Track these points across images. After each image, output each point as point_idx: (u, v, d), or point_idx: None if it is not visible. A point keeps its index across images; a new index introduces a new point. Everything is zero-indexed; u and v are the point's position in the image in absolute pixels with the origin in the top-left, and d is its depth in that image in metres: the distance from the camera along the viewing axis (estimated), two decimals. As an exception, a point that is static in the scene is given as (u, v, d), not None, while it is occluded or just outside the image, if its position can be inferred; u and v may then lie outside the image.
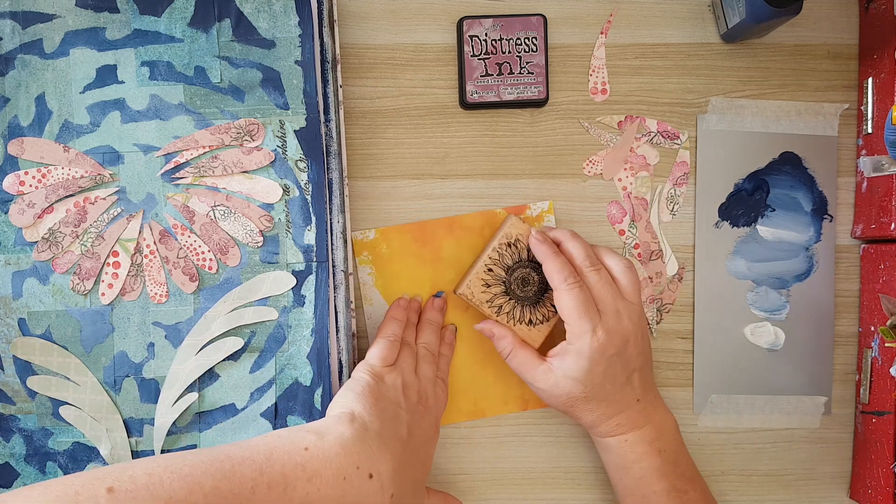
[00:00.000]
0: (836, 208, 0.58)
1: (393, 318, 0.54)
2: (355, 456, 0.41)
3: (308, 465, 0.40)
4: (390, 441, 0.44)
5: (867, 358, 0.57)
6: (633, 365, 0.51)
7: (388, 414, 0.46)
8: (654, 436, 0.52)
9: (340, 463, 0.41)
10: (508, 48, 0.55)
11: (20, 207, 0.52)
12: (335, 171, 0.53)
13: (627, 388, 0.51)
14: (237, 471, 0.39)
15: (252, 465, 0.39)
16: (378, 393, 0.47)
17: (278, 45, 0.52)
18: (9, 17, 0.52)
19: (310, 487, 0.40)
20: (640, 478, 0.51)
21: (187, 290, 0.52)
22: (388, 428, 0.44)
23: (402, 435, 0.45)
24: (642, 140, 0.57)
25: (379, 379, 0.48)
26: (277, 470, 0.39)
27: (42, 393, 0.52)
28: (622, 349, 0.50)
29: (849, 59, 0.58)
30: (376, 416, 0.44)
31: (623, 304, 0.51)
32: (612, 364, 0.50)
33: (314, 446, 0.41)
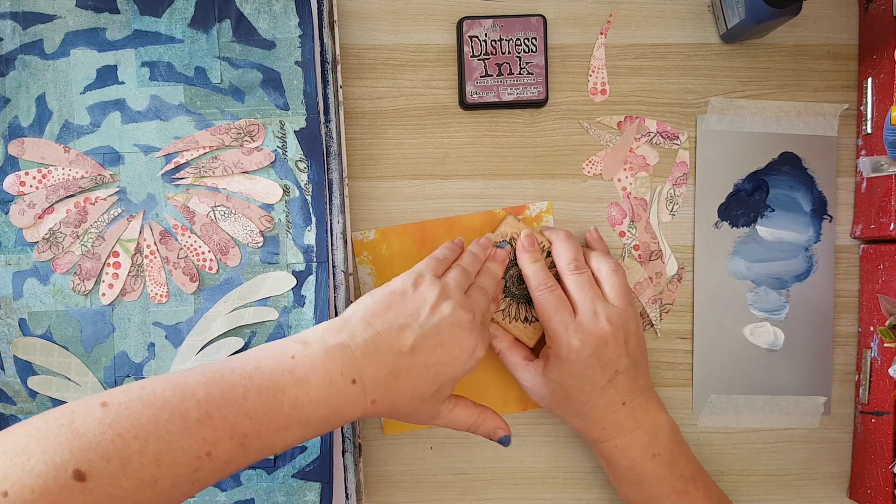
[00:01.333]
0: (835, 208, 0.58)
1: (445, 247, 0.52)
2: (339, 362, 0.42)
3: (296, 371, 0.41)
4: (381, 350, 0.43)
5: (866, 358, 0.57)
6: (615, 367, 0.50)
7: (394, 324, 0.44)
8: (646, 440, 0.51)
9: (326, 368, 0.42)
10: (508, 49, 0.55)
11: (20, 208, 0.52)
12: (335, 172, 0.53)
13: (610, 391, 0.51)
14: (228, 379, 0.40)
15: (242, 374, 0.40)
16: (396, 300, 0.45)
17: (278, 45, 0.52)
18: (9, 17, 0.52)
19: (299, 391, 0.41)
20: (636, 483, 0.51)
21: (187, 290, 0.52)
22: (383, 338, 0.44)
23: (402, 347, 0.44)
24: (642, 140, 0.57)
25: (414, 285, 0.46)
26: (267, 376, 0.41)
27: (43, 393, 0.52)
28: (599, 351, 0.50)
29: (848, 59, 0.58)
30: (374, 326, 0.44)
31: (603, 305, 0.50)
32: (589, 366, 0.50)
33: (300, 354, 0.42)
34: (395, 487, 0.57)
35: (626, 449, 0.51)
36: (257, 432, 0.40)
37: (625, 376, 0.51)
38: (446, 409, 0.48)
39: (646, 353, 0.53)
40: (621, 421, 0.51)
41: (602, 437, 0.51)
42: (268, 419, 0.40)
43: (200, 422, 0.38)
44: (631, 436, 0.51)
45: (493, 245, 0.54)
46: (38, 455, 0.35)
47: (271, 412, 0.40)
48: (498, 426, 0.50)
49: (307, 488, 0.52)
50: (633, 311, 0.52)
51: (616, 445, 0.51)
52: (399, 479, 0.58)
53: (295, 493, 0.52)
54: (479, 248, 0.53)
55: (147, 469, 0.36)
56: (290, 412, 0.41)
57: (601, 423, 0.51)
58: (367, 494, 0.57)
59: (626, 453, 0.51)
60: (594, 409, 0.51)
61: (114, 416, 0.37)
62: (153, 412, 0.37)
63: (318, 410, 0.41)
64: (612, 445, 0.51)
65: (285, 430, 0.41)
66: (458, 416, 0.49)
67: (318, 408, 0.41)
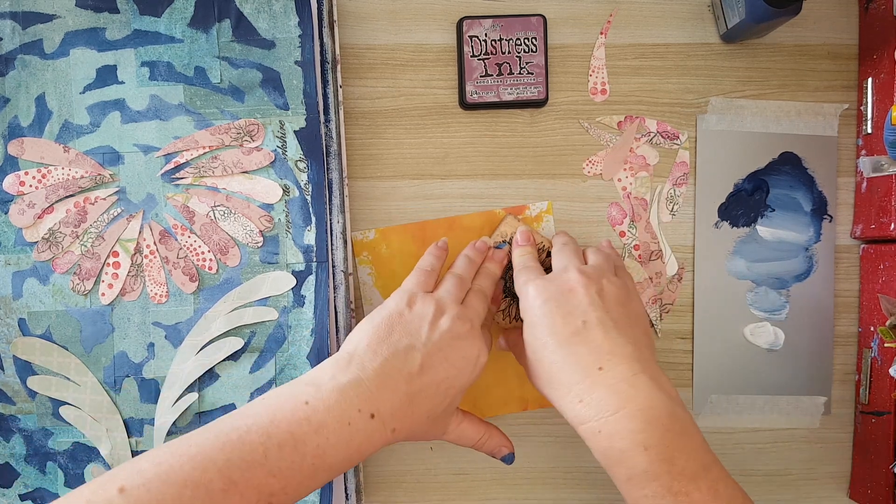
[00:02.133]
0: (835, 208, 0.58)
1: (431, 254, 0.51)
2: (354, 400, 0.41)
3: (313, 418, 0.40)
4: (393, 377, 0.43)
5: (867, 358, 0.57)
6: (582, 317, 0.44)
7: (400, 347, 0.44)
8: (635, 426, 0.41)
9: (342, 409, 0.41)
10: (508, 48, 0.55)
11: (20, 208, 0.52)
12: (335, 172, 0.53)
13: (579, 346, 0.43)
14: (245, 439, 0.39)
15: (259, 431, 0.39)
16: (396, 323, 0.45)
17: (278, 45, 0.52)
18: (9, 17, 0.52)
19: (319, 439, 0.40)
20: (627, 479, 0.42)
21: (187, 290, 0.52)
22: (393, 364, 0.43)
23: (412, 370, 0.43)
24: (642, 140, 0.57)
25: (409, 305, 0.46)
26: (284, 429, 0.39)
27: (42, 393, 0.52)
28: (559, 297, 0.45)
29: (849, 59, 0.58)
30: (380, 354, 0.43)
31: (576, 263, 0.48)
32: (547, 313, 0.45)
33: (313, 398, 0.41)
34: (395, 487, 0.57)
35: (612, 436, 0.42)
36: (283, 488, 0.39)
37: (599, 331, 0.44)
38: (454, 423, 0.48)
39: (639, 321, 0.47)
40: (601, 395, 0.42)
41: (581, 415, 0.43)
42: (292, 473, 0.39)
43: (225, 491, 0.37)
44: (616, 417, 0.42)
45: (489, 247, 0.54)
46: None
47: (294, 465, 0.39)
48: (502, 444, 0.50)
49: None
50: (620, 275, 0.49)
51: (600, 430, 0.42)
52: (399, 479, 0.57)
53: (295, 494, 0.52)
54: (475, 251, 0.52)
55: None
56: (314, 461, 0.40)
57: (575, 389, 0.43)
58: (367, 494, 0.57)
59: (614, 442, 0.42)
60: (564, 368, 0.44)
61: (135, 502, 0.35)
62: (176, 490, 0.36)
63: (340, 453, 0.41)
64: (594, 430, 0.42)
65: (310, 478, 0.40)
66: (466, 431, 0.48)
67: (340, 451, 0.41)
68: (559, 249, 0.51)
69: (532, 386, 0.57)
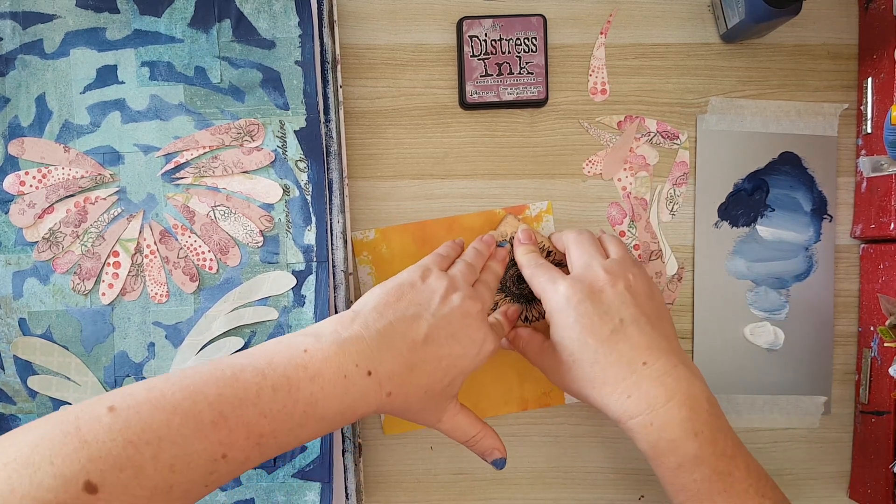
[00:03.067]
0: (835, 208, 0.58)
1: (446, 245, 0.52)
2: (354, 355, 0.41)
3: (309, 366, 0.40)
4: (396, 341, 0.43)
5: (867, 358, 0.57)
6: (618, 315, 0.46)
7: (407, 314, 0.44)
8: (685, 415, 0.44)
9: (340, 361, 0.41)
10: (508, 48, 0.55)
11: (20, 207, 0.52)
12: (335, 171, 0.53)
13: (621, 344, 0.45)
14: (239, 377, 0.38)
15: (254, 371, 0.39)
16: (407, 292, 0.45)
17: (278, 45, 0.52)
18: (9, 17, 0.52)
19: (313, 387, 0.40)
20: (678, 466, 0.44)
21: (187, 290, 0.52)
22: (397, 328, 0.43)
23: (416, 338, 0.43)
24: (642, 140, 0.57)
25: (421, 276, 0.46)
26: (280, 372, 0.39)
27: (42, 393, 0.52)
28: (592, 296, 0.46)
29: (848, 59, 0.58)
30: (387, 316, 0.43)
31: (598, 259, 0.48)
32: (584, 314, 0.46)
33: (313, 347, 0.41)
34: (395, 487, 0.57)
35: (664, 427, 0.44)
36: (273, 431, 0.38)
37: (635, 328, 0.46)
38: (451, 412, 0.47)
39: (665, 313, 0.49)
40: (648, 388, 0.44)
41: (630, 409, 0.45)
42: (283, 417, 0.39)
43: (215, 423, 0.36)
44: (666, 409, 0.44)
45: (496, 241, 0.54)
46: (45, 467, 0.33)
47: (286, 409, 0.39)
48: (496, 446, 0.48)
49: (307, 488, 0.52)
50: (638, 266, 0.50)
51: (651, 423, 0.44)
52: (399, 479, 0.58)
53: (295, 493, 0.52)
54: (483, 244, 0.53)
55: (161, 475, 0.35)
56: (306, 409, 0.39)
57: (622, 386, 0.45)
58: (367, 494, 0.57)
59: (665, 433, 0.44)
60: (607, 367, 0.45)
61: (123, 422, 0.35)
62: (165, 416, 0.36)
63: (332, 405, 0.40)
64: (645, 423, 0.44)
65: (301, 427, 0.40)
66: (461, 423, 0.47)
67: (334, 403, 0.40)
68: (577, 243, 0.50)
69: (531, 386, 0.57)
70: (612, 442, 0.58)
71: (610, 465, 0.58)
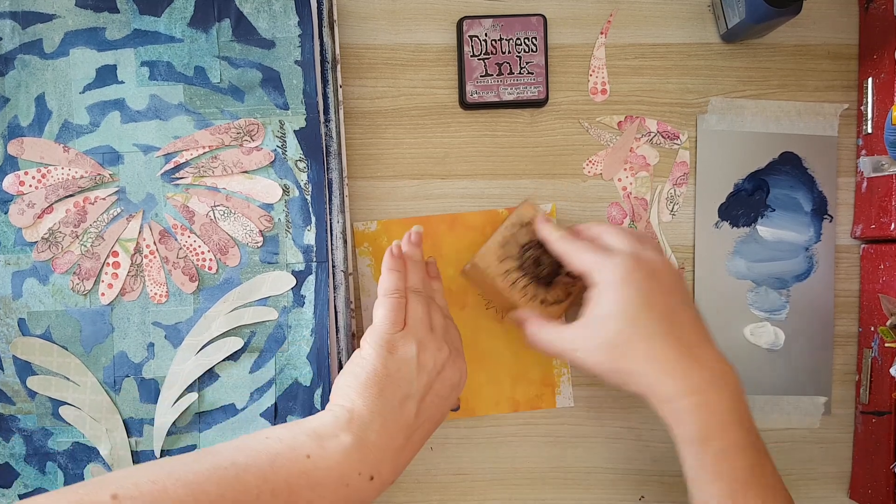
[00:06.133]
0: (835, 208, 0.58)
1: (392, 270, 0.48)
2: (357, 463, 0.42)
3: (311, 474, 0.40)
4: (393, 437, 0.43)
5: (867, 358, 0.57)
6: (676, 295, 0.46)
7: (394, 403, 0.44)
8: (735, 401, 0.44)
9: (342, 471, 0.41)
10: (508, 48, 0.55)
11: (20, 207, 0.52)
12: (335, 171, 0.53)
13: (680, 322, 0.45)
14: (241, 478, 0.39)
15: (256, 473, 0.39)
16: (384, 380, 0.44)
17: (278, 45, 0.52)
18: (9, 17, 0.51)
19: (312, 495, 0.40)
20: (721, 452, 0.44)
21: (187, 290, 0.52)
22: (391, 423, 0.43)
23: (409, 419, 0.44)
24: (642, 140, 0.57)
25: (390, 352, 0.45)
26: (282, 477, 0.40)
27: (42, 393, 0.52)
28: (653, 273, 0.46)
29: (849, 59, 0.58)
30: (378, 412, 0.43)
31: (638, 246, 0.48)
32: (647, 289, 0.45)
33: (315, 455, 0.41)
34: (395, 487, 0.57)
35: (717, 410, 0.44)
36: None
37: (690, 311, 0.46)
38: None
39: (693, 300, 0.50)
40: (703, 370, 0.44)
41: (686, 388, 0.44)
42: None
43: None
44: (719, 392, 0.44)
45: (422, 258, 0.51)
46: None
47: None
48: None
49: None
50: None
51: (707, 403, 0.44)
52: (399, 479, 0.57)
53: (295, 494, 0.52)
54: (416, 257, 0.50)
55: None
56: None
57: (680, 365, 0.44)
58: (367, 495, 0.57)
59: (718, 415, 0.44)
60: (666, 344, 0.44)
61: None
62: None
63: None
64: (700, 403, 0.44)
65: None
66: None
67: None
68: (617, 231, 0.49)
69: (524, 388, 0.57)
70: (612, 442, 0.58)
71: (610, 465, 0.58)
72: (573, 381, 0.58)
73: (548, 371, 0.57)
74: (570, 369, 0.57)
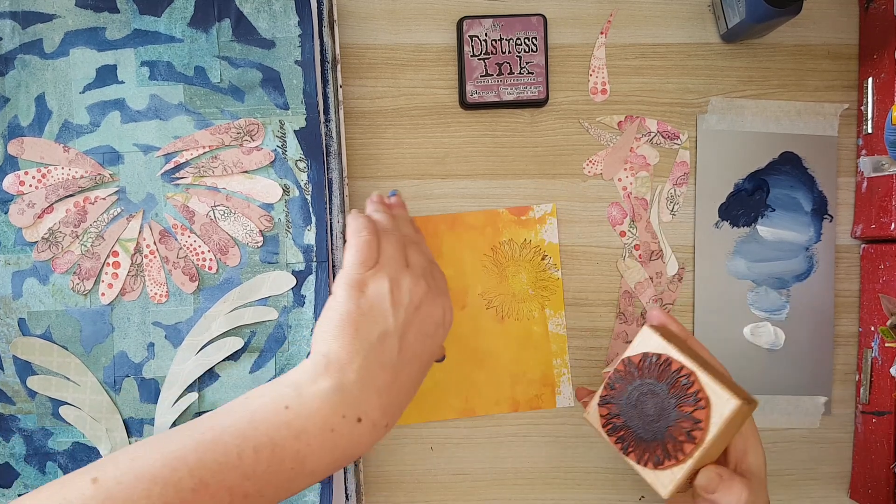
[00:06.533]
0: (836, 208, 0.58)
1: (358, 213, 0.47)
2: (338, 406, 0.40)
3: (293, 424, 0.39)
4: (375, 375, 0.41)
5: (867, 358, 0.57)
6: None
7: (372, 339, 0.42)
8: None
9: (324, 416, 0.40)
10: (508, 48, 0.55)
11: (20, 207, 0.52)
12: (335, 171, 0.53)
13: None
14: (220, 440, 0.38)
15: (234, 433, 0.38)
16: (357, 319, 0.42)
17: (278, 45, 0.52)
18: (9, 17, 0.51)
19: (299, 444, 0.39)
20: None
21: (187, 290, 0.52)
22: (371, 361, 0.41)
23: (392, 357, 0.42)
24: (642, 140, 0.57)
25: (361, 291, 0.43)
26: (262, 432, 0.39)
27: (42, 393, 0.52)
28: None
29: (849, 59, 0.58)
30: (356, 352, 0.41)
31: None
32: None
33: (294, 404, 0.40)
34: (395, 487, 0.57)
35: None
36: (259, 491, 0.38)
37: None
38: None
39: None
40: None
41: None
42: (268, 476, 0.38)
43: (195, 491, 0.37)
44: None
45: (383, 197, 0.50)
46: None
47: (271, 470, 0.38)
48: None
49: (307, 488, 0.52)
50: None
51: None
52: (399, 479, 0.57)
53: (295, 494, 0.52)
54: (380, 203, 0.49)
55: None
56: (293, 466, 0.39)
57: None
58: (367, 494, 0.57)
59: None
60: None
61: (105, 494, 0.36)
62: (145, 486, 0.36)
63: (323, 459, 0.40)
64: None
65: (289, 482, 0.39)
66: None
67: (323, 456, 0.40)
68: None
69: (523, 388, 0.57)
70: (612, 442, 0.58)
71: (610, 465, 0.58)
72: (573, 382, 0.58)
73: (548, 371, 0.57)
74: (570, 369, 0.57)
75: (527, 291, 0.57)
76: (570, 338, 0.57)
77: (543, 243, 0.57)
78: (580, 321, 0.58)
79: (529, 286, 0.57)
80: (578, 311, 0.58)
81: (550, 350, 0.57)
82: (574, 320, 0.58)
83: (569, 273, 0.58)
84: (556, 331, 0.57)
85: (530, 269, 0.57)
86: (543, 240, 0.57)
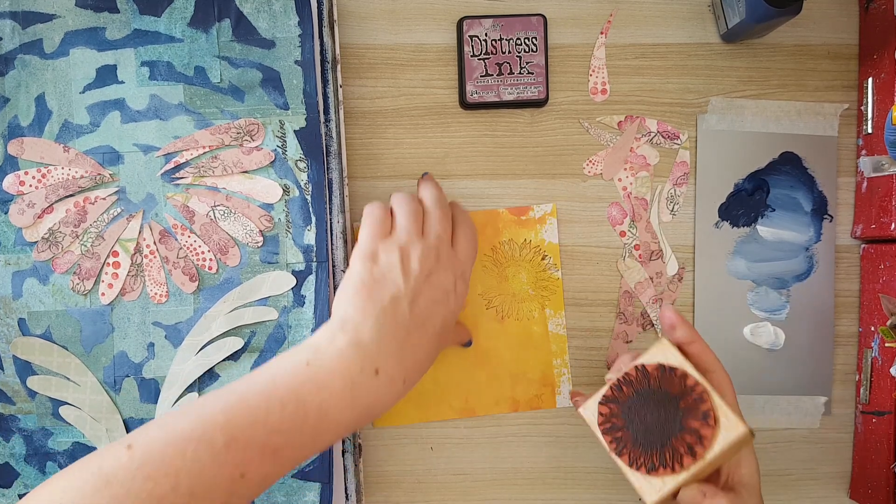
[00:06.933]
0: (836, 208, 0.58)
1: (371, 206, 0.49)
2: (356, 360, 0.42)
3: (315, 377, 0.41)
4: (389, 332, 0.44)
5: (867, 358, 0.57)
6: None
7: (384, 302, 0.44)
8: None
9: (343, 369, 0.42)
10: (508, 48, 0.55)
11: (20, 207, 0.52)
12: (335, 171, 0.53)
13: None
14: (246, 399, 0.40)
15: (259, 391, 0.40)
16: (370, 285, 0.45)
17: (278, 45, 0.52)
18: (9, 17, 0.52)
19: (322, 396, 0.41)
20: None
21: (187, 290, 0.52)
22: (385, 319, 0.44)
23: (404, 316, 0.44)
24: (642, 140, 0.57)
25: (374, 261, 0.46)
26: (286, 389, 0.41)
27: (42, 393, 0.52)
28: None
29: (849, 59, 0.58)
30: (369, 313, 0.44)
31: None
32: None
33: (313, 360, 0.42)
34: (395, 487, 0.57)
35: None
36: (288, 444, 0.40)
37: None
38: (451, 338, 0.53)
39: None
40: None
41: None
42: (295, 430, 0.40)
43: (227, 446, 0.38)
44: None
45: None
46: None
47: (297, 423, 0.40)
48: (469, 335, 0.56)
49: (307, 488, 0.52)
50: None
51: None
52: (399, 479, 0.57)
53: (295, 493, 0.52)
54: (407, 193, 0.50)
55: (183, 502, 0.37)
56: (318, 419, 0.41)
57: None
58: (367, 494, 0.57)
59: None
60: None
61: (140, 458, 0.37)
62: (179, 446, 0.38)
63: (345, 412, 0.42)
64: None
65: (316, 435, 0.41)
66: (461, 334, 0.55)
67: (345, 409, 0.41)
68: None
69: (524, 388, 0.57)
70: (612, 442, 0.58)
71: (610, 465, 0.58)
72: (573, 382, 0.58)
73: (548, 371, 0.57)
74: (570, 369, 0.57)
75: (527, 291, 0.57)
76: (570, 338, 0.58)
77: (543, 243, 0.57)
78: (580, 321, 0.58)
79: (529, 286, 0.57)
80: (578, 311, 0.58)
81: (550, 350, 0.57)
82: (574, 320, 0.58)
83: (569, 273, 0.58)
84: (556, 331, 0.57)
85: (530, 269, 0.57)
86: (543, 240, 0.57)
